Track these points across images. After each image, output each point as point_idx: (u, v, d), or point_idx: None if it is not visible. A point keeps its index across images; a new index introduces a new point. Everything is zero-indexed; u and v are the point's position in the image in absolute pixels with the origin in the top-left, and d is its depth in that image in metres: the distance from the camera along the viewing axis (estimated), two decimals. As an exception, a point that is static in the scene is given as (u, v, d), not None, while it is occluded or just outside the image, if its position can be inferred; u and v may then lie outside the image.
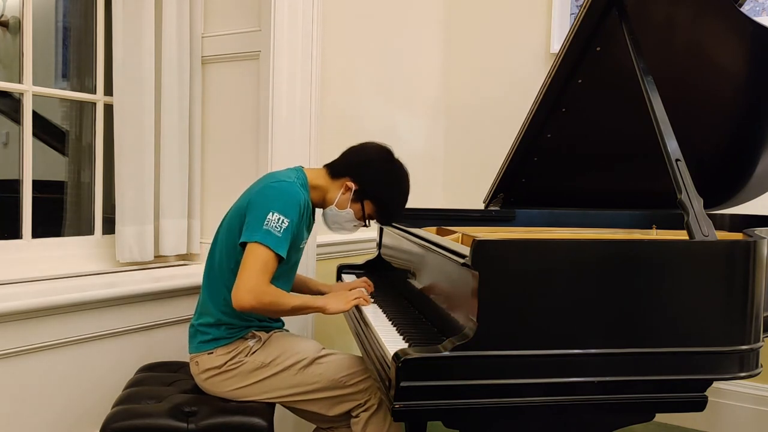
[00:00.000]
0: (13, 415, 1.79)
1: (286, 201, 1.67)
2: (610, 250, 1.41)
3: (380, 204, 1.83)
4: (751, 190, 2.36)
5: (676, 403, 1.40)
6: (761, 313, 1.43)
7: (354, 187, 1.79)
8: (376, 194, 1.81)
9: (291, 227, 1.66)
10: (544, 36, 3.26)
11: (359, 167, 1.81)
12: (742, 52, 1.99)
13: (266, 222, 1.63)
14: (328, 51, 2.57)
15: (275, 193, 1.69)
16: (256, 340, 1.76)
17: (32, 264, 1.99)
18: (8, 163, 2.34)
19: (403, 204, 1.87)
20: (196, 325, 1.80)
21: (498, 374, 1.31)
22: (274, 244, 1.62)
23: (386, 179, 1.83)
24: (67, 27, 2.64)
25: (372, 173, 1.81)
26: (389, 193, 1.83)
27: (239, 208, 1.75)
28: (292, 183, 1.73)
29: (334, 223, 1.86)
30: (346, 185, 1.80)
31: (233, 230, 1.73)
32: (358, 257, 2.60)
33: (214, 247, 1.81)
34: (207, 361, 1.74)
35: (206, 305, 1.79)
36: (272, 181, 1.74)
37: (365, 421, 1.70)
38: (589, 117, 2.17)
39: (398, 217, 1.93)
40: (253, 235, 1.63)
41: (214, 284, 1.78)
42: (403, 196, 1.86)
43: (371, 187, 1.80)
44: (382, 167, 1.83)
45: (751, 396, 2.79)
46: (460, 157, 3.53)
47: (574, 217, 2.46)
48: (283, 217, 1.64)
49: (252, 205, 1.69)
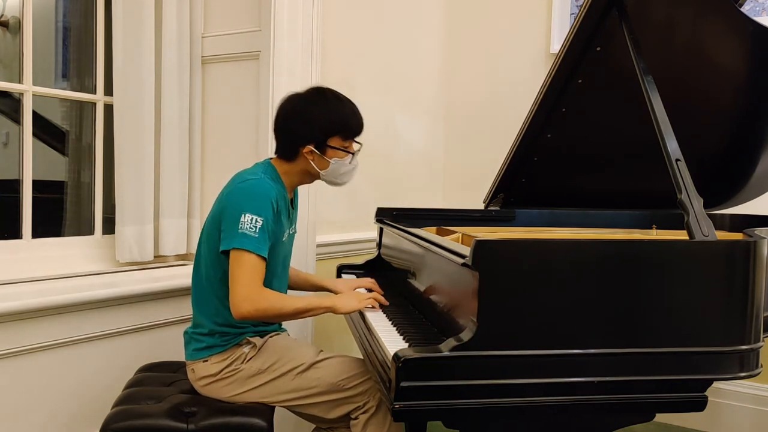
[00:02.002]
0: (13, 415, 1.79)
1: (256, 199, 1.65)
2: (610, 250, 1.41)
3: (341, 128, 1.75)
4: (751, 190, 2.36)
5: (676, 403, 1.40)
6: (761, 313, 1.43)
7: (312, 148, 1.74)
8: (327, 131, 1.74)
9: (266, 224, 1.64)
10: (544, 36, 3.26)
11: (296, 132, 1.75)
12: (742, 52, 1.99)
13: (240, 225, 1.61)
14: (328, 51, 2.57)
15: (243, 193, 1.67)
16: (251, 347, 1.74)
17: (32, 264, 1.99)
18: (8, 163, 2.34)
19: (350, 109, 1.78)
20: (191, 333, 1.78)
21: (498, 374, 1.31)
22: (254, 246, 1.61)
23: (318, 116, 1.74)
24: (67, 27, 2.64)
25: (307, 125, 1.74)
26: (332, 117, 1.75)
27: (214, 215, 1.73)
28: (260, 179, 1.70)
29: (337, 177, 1.80)
30: (306, 153, 1.74)
31: (213, 239, 1.72)
32: (358, 257, 2.60)
33: (199, 259, 1.78)
34: (202, 369, 1.73)
35: (198, 317, 1.77)
36: (239, 181, 1.72)
37: (364, 423, 1.69)
38: (589, 117, 2.17)
39: (360, 124, 1.80)
40: (231, 242, 1.62)
41: (203, 296, 1.76)
42: (340, 106, 1.77)
43: (319, 133, 1.74)
44: (307, 112, 1.75)
45: (751, 396, 2.79)
46: (460, 157, 3.53)
47: (574, 217, 2.46)
48: (255, 216, 1.62)
49: (224, 210, 1.68)
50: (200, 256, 1.78)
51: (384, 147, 3.13)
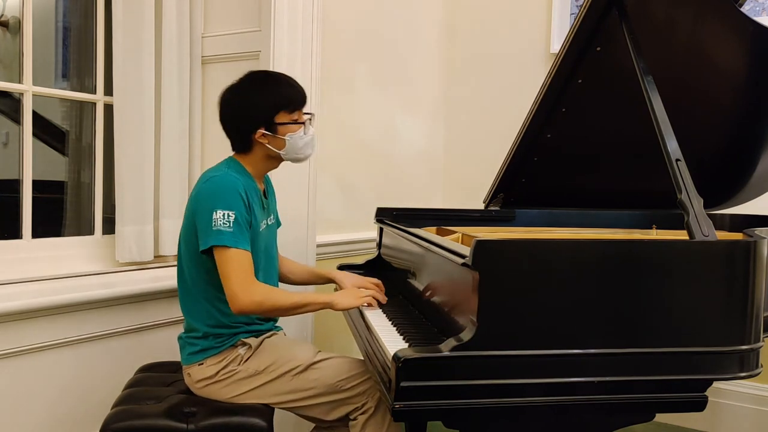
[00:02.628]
0: (12, 415, 1.79)
1: (224, 194, 1.65)
2: (610, 250, 1.41)
3: (280, 106, 1.74)
4: (751, 190, 2.36)
5: (676, 403, 1.40)
6: (761, 313, 1.43)
7: (262, 131, 1.73)
8: (271, 110, 1.73)
9: (240, 217, 1.65)
10: (544, 36, 3.26)
11: (243, 122, 1.74)
12: (742, 52, 1.99)
13: (214, 223, 1.62)
14: (328, 51, 2.57)
15: (210, 191, 1.68)
16: (247, 348, 1.74)
17: (32, 264, 1.99)
18: (8, 163, 2.34)
19: (286, 82, 1.78)
20: (184, 338, 1.78)
21: (498, 374, 1.31)
22: (231, 240, 1.62)
23: (258, 98, 1.74)
24: (67, 27, 2.64)
25: (250, 111, 1.73)
26: (270, 97, 1.75)
27: (188, 218, 1.74)
28: (224, 174, 1.71)
29: (298, 152, 1.78)
30: (259, 138, 1.74)
31: (190, 243, 1.72)
32: (358, 257, 2.60)
33: (181, 264, 1.79)
34: (198, 372, 1.73)
35: (189, 321, 1.77)
36: (204, 181, 1.72)
37: (362, 423, 1.68)
38: (589, 117, 2.17)
39: (301, 93, 1.79)
40: (207, 241, 1.63)
41: (191, 300, 1.76)
42: (276, 82, 1.78)
43: (265, 114, 1.73)
44: (246, 100, 1.74)
45: (751, 396, 2.79)
46: (460, 157, 3.53)
47: (574, 217, 2.46)
48: (227, 211, 1.63)
49: (195, 211, 1.68)
50: (181, 261, 1.78)
51: (384, 147, 3.13)
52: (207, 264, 1.69)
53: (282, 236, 2.31)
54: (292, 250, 2.36)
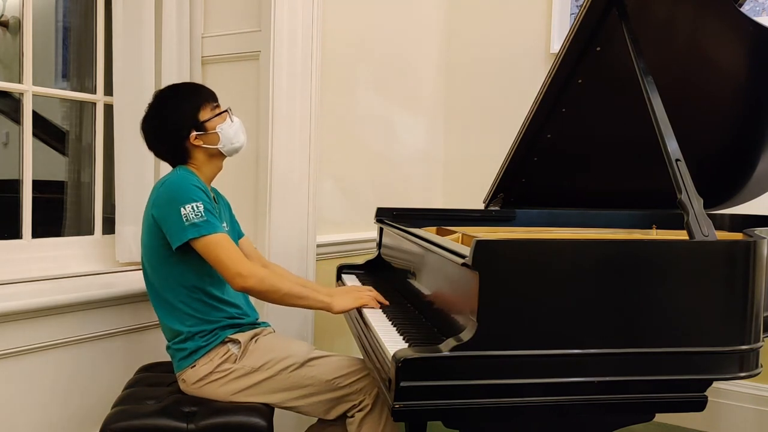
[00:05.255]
0: (12, 415, 1.79)
1: (184, 190, 1.67)
2: (610, 250, 1.41)
3: (199, 105, 1.79)
4: (751, 190, 2.36)
5: (676, 403, 1.40)
6: (761, 313, 1.43)
7: (195, 133, 1.77)
8: (193, 112, 1.78)
9: (207, 205, 1.67)
10: (544, 36, 3.26)
11: (173, 135, 1.77)
12: (742, 52, 1.99)
13: (185, 218, 1.63)
14: (328, 51, 2.57)
15: (170, 191, 1.69)
16: (237, 346, 1.73)
17: (32, 264, 1.99)
18: (8, 163, 2.34)
19: (192, 86, 1.89)
20: (172, 347, 1.78)
21: (498, 374, 1.31)
22: (208, 228, 1.64)
23: (176, 109, 1.79)
24: (67, 27, 2.64)
25: (176, 123, 1.77)
26: (187, 105, 1.79)
27: (149, 226, 1.73)
28: (178, 174, 1.74)
29: (234, 141, 1.82)
30: (194, 141, 1.77)
31: (156, 250, 1.72)
32: (358, 257, 2.60)
33: (147, 275, 1.79)
34: (192, 375, 1.72)
35: (171, 329, 1.77)
36: (159, 185, 1.74)
37: (360, 421, 1.68)
38: (589, 117, 2.17)
39: (209, 89, 1.86)
40: (183, 236, 1.63)
41: (168, 308, 1.75)
42: (183, 90, 1.84)
43: (189, 118, 1.77)
44: (166, 116, 1.79)
45: (751, 396, 2.79)
46: (460, 157, 3.53)
47: (574, 217, 2.46)
48: (193, 204, 1.64)
49: (160, 216, 1.69)
50: (146, 271, 1.79)
51: (384, 147, 3.13)
52: (179, 263, 1.69)
53: (282, 236, 2.31)
54: (293, 250, 2.36)
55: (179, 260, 1.70)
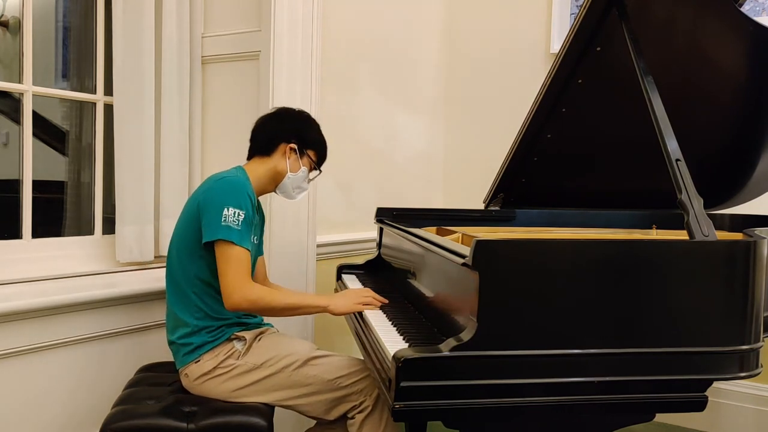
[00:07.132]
0: (13, 415, 1.80)
1: (236, 194, 1.70)
2: (610, 250, 1.41)
3: (319, 145, 1.90)
4: (751, 190, 2.36)
5: (676, 403, 1.40)
6: (761, 313, 1.43)
7: (295, 145, 1.84)
8: (312, 139, 1.88)
9: (248, 218, 1.69)
10: (544, 36, 3.26)
11: (284, 128, 1.86)
12: (742, 52, 1.99)
13: (224, 218, 1.66)
14: (328, 51, 2.57)
15: (224, 188, 1.71)
16: (242, 343, 1.75)
17: (32, 264, 1.99)
18: (8, 163, 2.34)
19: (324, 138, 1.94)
20: (176, 341, 1.78)
21: (498, 374, 1.31)
22: (238, 238, 1.66)
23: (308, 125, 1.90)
24: (67, 27, 2.64)
25: (296, 125, 1.87)
26: (317, 134, 1.91)
27: (189, 213, 1.76)
28: (237, 176, 1.76)
29: (296, 188, 1.90)
30: (289, 148, 1.84)
31: (187, 238, 1.75)
32: (358, 257, 2.60)
33: (171, 259, 1.80)
34: (196, 370, 1.73)
35: (179, 318, 1.78)
36: (217, 179, 1.76)
37: (360, 422, 1.69)
38: (589, 117, 2.17)
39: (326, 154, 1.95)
40: (216, 233, 1.66)
41: (181, 296, 1.77)
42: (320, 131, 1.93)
43: (305, 138, 1.86)
44: (297, 118, 1.89)
45: (751, 396, 2.79)
46: (460, 157, 3.53)
47: (574, 217, 2.46)
48: (237, 210, 1.67)
49: (204, 205, 1.71)
50: (172, 255, 1.81)
51: (384, 147, 3.13)
52: (202, 258, 1.71)
53: (282, 236, 2.31)
54: (293, 250, 2.36)
55: (203, 255, 1.72)
